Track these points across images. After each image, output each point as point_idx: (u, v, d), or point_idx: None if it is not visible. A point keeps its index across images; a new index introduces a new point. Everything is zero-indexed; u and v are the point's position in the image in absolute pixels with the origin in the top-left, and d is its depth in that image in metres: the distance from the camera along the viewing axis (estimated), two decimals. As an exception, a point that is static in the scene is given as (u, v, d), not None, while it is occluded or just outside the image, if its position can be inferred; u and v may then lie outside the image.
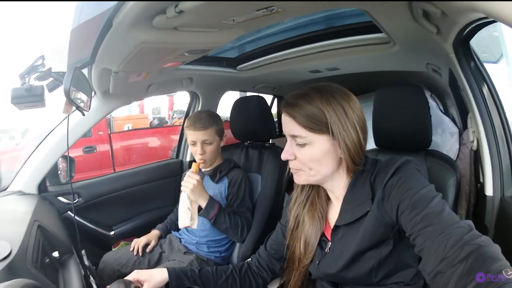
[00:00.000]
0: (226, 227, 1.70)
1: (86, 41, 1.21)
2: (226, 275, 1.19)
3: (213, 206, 1.67)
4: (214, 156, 1.86)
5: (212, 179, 1.88)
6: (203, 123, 1.78)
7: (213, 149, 1.82)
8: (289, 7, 0.99)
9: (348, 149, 0.93)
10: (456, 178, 1.18)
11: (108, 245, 2.18)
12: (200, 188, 1.64)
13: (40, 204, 1.66)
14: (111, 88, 1.70)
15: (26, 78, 1.28)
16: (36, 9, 12.33)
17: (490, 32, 2.08)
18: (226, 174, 1.86)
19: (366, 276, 0.95)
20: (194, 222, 1.61)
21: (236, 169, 1.89)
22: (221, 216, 1.68)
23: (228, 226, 1.70)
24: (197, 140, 1.79)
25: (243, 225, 1.75)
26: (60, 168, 2.07)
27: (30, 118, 4.84)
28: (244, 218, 1.78)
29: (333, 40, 1.72)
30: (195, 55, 1.46)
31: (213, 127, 1.80)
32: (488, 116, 1.36)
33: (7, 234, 1.14)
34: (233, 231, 1.73)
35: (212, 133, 1.80)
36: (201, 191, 1.65)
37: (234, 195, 1.82)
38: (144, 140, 7.32)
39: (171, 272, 1.12)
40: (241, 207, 1.81)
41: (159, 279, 1.09)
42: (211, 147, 1.81)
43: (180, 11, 0.89)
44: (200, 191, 1.64)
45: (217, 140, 1.84)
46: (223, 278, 1.18)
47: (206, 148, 1.80)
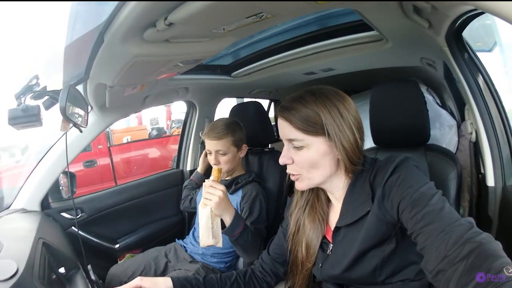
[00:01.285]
0: (246, 247, 1.49)
1: (80, 57, 1.22)
2: (230, 282, 1.19)
3: (239, 222, 1.44)
4: (230, 166, 1.79)
5: (228, 189, 1.76)
6: (218, 132, 1.73)
7: (228, 160, 1.76)
8: (278, 11, 0.99)
9: (345, 149, 0.93)
10: (457, 170, 1.18)
11: (114, 258, 2.17)
12: (226, 201, 1.40)
13: (43, 221, 1.66)
14: (107, 102, 1.70)
15: (22, 98, 1.28)
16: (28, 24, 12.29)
17: (482, 21, 2.07)
18: (242, 187, 1.79)
19: (371, 275, 0.95)
20: (219, 240, 1.38)
21: (253, 184, 1.80)
22: (245, 235, 1.46)
23: (249, 245, 1.49)
24: (211, 150, 1.75)
25: (260, 244, 1.57)
26: (61, 184, 2.07)
27: (29, 135, 4.83)
28: (260, 237, 1.61)
29: (326, 41, 1.73)
30: (189, 65, 1.46)
31: (228, 137, 1.73)
32: (485, 107, 1.36)
33: (13, 252, 1.14)
34: (252, 250, 1.52)
35: (227, 143, 1.73)
36: (227, 204, 1.40)
37: (246, 211, 1.71)
38: (144, 151, 7.31)
39: (175, 280, 1.11)
40: (257, 223, 1.67)
41: (163, 287, 1.09)
42: (225, 157, 1.75)
43: (170, 23, 0.90)
44: (226, 204, 1.39)
45: (233, 151, 1.76)
46: (228, 285, 1.18)
47: (220, 158, 1.75)
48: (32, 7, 3.89)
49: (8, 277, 0.94)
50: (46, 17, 1.66)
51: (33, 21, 10.43)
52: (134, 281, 1.07)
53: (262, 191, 1.81)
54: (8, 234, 1.40)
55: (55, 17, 1.18)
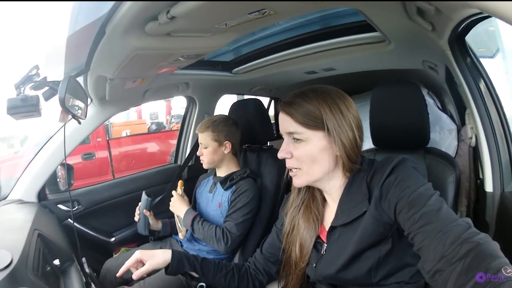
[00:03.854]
0: (204, 237, 1.73)
1: (81, 49, 1.21)
2: (226, 270, 1.22)
3: (189, 216, 1.77)
4: (210, 159, 1.86)
5: (222, 185, 1.87)
6: (202, 125, 1.85)
7: (207, 153, 1.84)
8: (281, 9, 0.98)
9: (344, 145, 0.94)
10: (455, 175, 1.17)
11: (109, 252, 2.18)
12: (179, 202, 1.84)
13: (40, 212, 1.66)
14: (107, 95, 1.70)
15: (21, 88, 1.27)
16: (29, 16, 12.29)
17: (485, 27, 2.07)
18: (236, 183, 1.83)
19: (365, 276, 0.95)
20: (182, 233, 1.85)
21: (247, 180, 1.83)
22: (196, 226, 1.74)
23: (205, 236, 1.71)
24: (199, 141, 1.86)
25: (219, 237, 1.69)
26: (59, 175, 2.07)
27: (29, 125, 4.82)
28: (226, 229, 1.71)
29: (328, 40, 1.72)
30: (190, 60, 1.46)
31: (208, 132, 1.82)
32: (486, 112, 1.36)
33: (8, 243, 1.14)
34: (211, 242, 1.71)
35: (207, 137, 1.83)
36: (179, 205, 1.83)
37: (232, 204, 1.78)
38: (143, 145, 7.33)
39: (175, 254, 1.18)
40: (231, 217, 1.75)
41: (162, 259, 1.16)
42: (206, 150, 1.84)
43: (172, 17, 0.89)
44: (178, 205, 1.83)
45: (213, 145, 1.83)
46: (223, 272, 1.22)
47: (203, 150, 1.85)
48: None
49: (2, 267, 0.94)
50: (49, 9, 1.65)
51: (36, 13, 10.44)
52: (134, 254, 1.15)
53: (256, 188, 1.83)
54: (4, 225, 1.40)
55: (57, 9, 1.17)
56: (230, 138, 1.86)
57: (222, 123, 1.86)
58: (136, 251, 1.16)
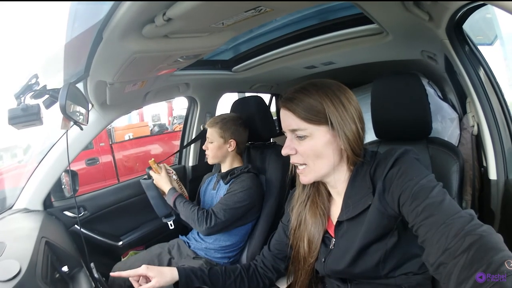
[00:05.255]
0: (186, 217, 1.79)
1: (80, 55, 1.22)
2: (234, 275, 1.21)
3: (171, 196, 1.85)
4: (213, 154, 1.92)
5: (223, 180, 1.93)
6: (212, 121, 1.93)
7: (212, 148, 1.91)
8: (277, 5, 0.98)
9: (348, 138, 0.94)
10: (459, 164, 1.17)
11: (117, 256, 2.18)
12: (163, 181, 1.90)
13: (46, 220, 1.67)
14: (108, 99, 1.70)
15: (22, 98, 1.28)
16: (25, 24, 12.25)
17: (483, 14, 2.05)
18: (236, 177, 1.86)
19: (374, 269, 0.95)
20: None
21: (248, 174, 1.86)
22: (179, 206, 1.81)
23: (187, 216, 1.77)
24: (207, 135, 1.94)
25: (201, 218, 1.72)
26: (63, 182, 2.08)
27: (31, 134, 4.83)
28: (212, 211, 1.75)
29: (327, 34, 1.72)
30: (189, 61, 1.45)
31: (216, 128, 1.89)
32: (486, 100, 1.35)
33: (16, 252, 1.14)
34: (192, 223, 1.76)
35: (214, 133, 1.90)
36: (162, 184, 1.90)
37: (228, 191, 1.82)
38: (146, 148, 7.32)
39: (181, 271, 1.15)
40: (221, 202, 1.79)
41: (169, 277, 1.13)
42: (211, 145, 1.91)
43: (169, 18, 0.90)
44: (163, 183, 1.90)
45: (218, 141, 1.90)
46: (232, 278, 1.21)
47: (209, 145, 1.93)
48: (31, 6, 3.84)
49: (11, 277, 0.95)
50: (45, 16, 1.65)
51: (32, 20, 10.41)
52: (140, 269, 1.13)
53: (256, 182, 1.85)
54: (11, 234, 1.40)
55: (54, 16, 1.17)
56: (236, 136, 1.90)
57: (231, 121, 1.92)
58: (142, 265, 1.14)
